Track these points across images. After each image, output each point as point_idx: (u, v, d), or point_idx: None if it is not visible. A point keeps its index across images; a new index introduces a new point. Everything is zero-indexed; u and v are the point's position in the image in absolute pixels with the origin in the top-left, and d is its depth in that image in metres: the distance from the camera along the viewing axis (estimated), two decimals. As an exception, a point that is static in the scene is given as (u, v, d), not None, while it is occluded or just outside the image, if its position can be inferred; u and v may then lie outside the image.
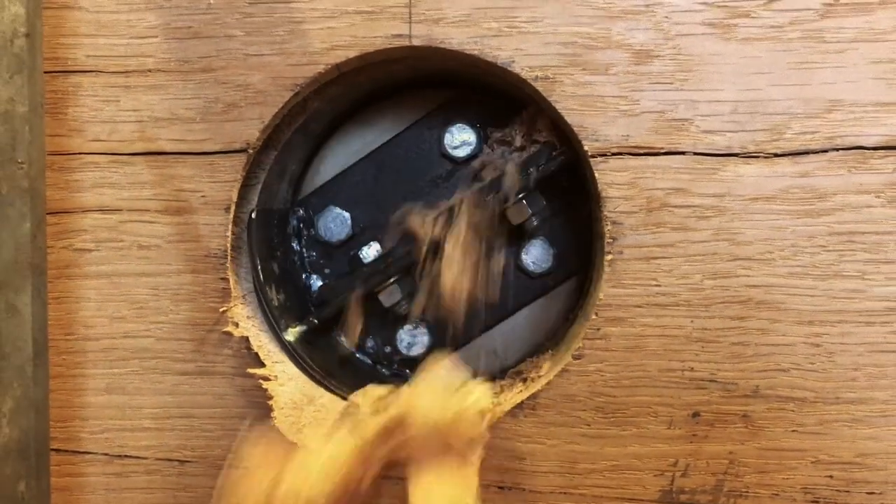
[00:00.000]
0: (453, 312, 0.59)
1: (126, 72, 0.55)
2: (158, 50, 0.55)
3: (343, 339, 0.61)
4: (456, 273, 0.57)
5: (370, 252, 0.59)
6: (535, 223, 0.59)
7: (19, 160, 0.47)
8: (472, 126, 0.61)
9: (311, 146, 0.62)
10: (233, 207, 0.55)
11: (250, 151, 0.55)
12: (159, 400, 0.56)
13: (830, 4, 0.51)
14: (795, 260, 0.52)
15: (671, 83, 0.52)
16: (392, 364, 0.61)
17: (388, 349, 0.61)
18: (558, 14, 0.53)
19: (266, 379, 0.55)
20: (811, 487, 0.53)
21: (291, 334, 0.57)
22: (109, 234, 0.56)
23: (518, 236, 0.61)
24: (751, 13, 0.52)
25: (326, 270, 0.62)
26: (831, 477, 0.53)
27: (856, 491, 0.52)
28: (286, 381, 0.56)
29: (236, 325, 0.55)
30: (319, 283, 0.61)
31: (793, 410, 0.53)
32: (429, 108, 0.61)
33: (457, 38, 0.53)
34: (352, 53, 0.54)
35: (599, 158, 0.53)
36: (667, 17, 0.52)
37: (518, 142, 0.59)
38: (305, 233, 0.62)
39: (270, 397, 0.55)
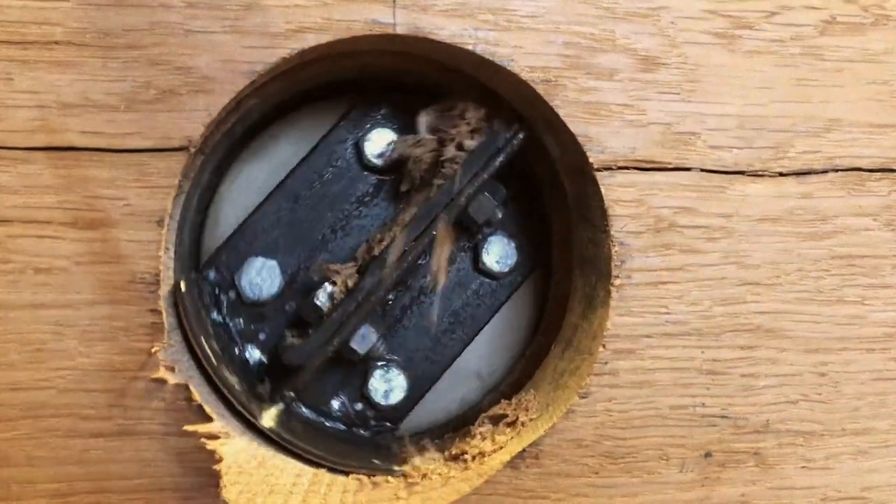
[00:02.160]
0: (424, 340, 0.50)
1: (23, 42, 0.42)
2: (69, 17, 0.43)
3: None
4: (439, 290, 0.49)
5: (324, 297, 0.48)
6: (498, 216, 0.51)
7: None
8: (390, 127, 0.52)
9: (214, 173, 0.51)
10: (167, 220, 0.43)
11: (192, 150, 0.43)
12: (60, 471, 0.43)
13: (828, 22, 0.50)
14: (801, 284, 0.49)
15: (678, 94, 0.48)
16: (369, 422, 0.51)
17: (359, 406, 0.51)
18: (559, 10, 0.47)
19: (213, 437, 0.43)
20: (821, 528, 0.49)
21: (269, 419, 0.46)
22: (-8, 254, 0.42)
23: (469, 235, 0.53)
24: (754, 25, 0.49)
25: (261, 336, 0.51)
26: (839, 514, 0.49)
27: (863, 529, 0.50)
28: (234, 438, 0.44)
29: (172, 369, 0.43)
30: (257, 352, 0.50)
31: (802, 445, 0.49)
32: (328, 121, 0.52)
33: (448, 30, 0.46)
34: (323, 38, 0.45)
35: (605, 172, 0.47)
36: (672, 22, 0.48)
37: (463, 128, 0.50)
38: (224, 298, 0.50)
39: (219, 460, 0.43)
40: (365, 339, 0.48)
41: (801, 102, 0.50)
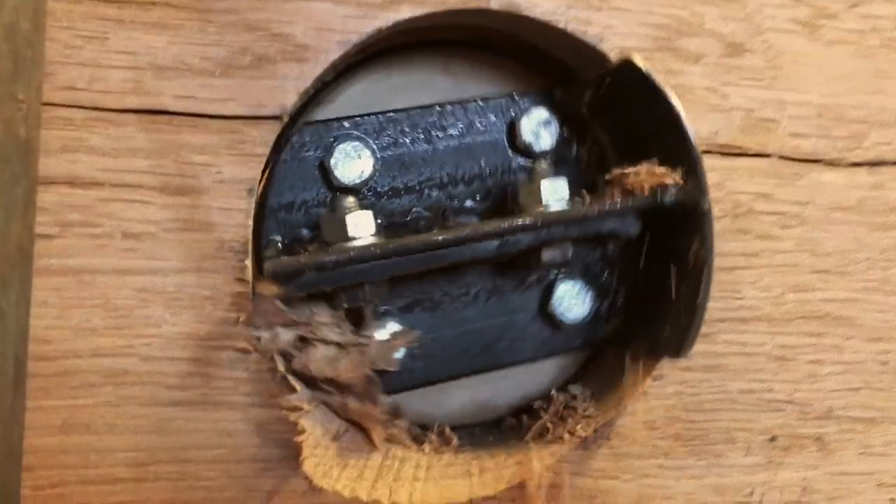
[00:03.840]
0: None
1: (119, 2, 0.41)
2: (167, -23, 0.42)
3: None
4: None
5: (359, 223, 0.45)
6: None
7: (19, 97, 0.32)
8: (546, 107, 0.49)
9: None
10: (258, 189, 0.43)
11: (285, 119, 0.43)
12: (140, 440, 0.43)
13: (907, 14, 0.50)
14: (869, 274, 0.50)
15: (761, 80, 0.49)
16: None
17: None
18: (650, -9, 0.47)
19: (295, 409, 0.43)
20: (875, 512, 0.51)
21: None
22: (81, 216, 0.42)
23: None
24: (836, 15, 0.50)
25: None
26: (892, 500, 0.51)
27: (916, 514, 0.51)
28: (314, 410, 0.44)
29: (258, 339, 0.43)
30: None
31: (862, 432, 0.51)
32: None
33: (541, 7, 0.46)
34: (419, 11, 0.45)
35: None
36: (759, 8, 0.48)
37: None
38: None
39: (301, 432, 0.43)
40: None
41: (878, 94, 0.50)
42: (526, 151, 0.49)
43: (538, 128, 0.49)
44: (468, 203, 0.49)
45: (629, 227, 0.46)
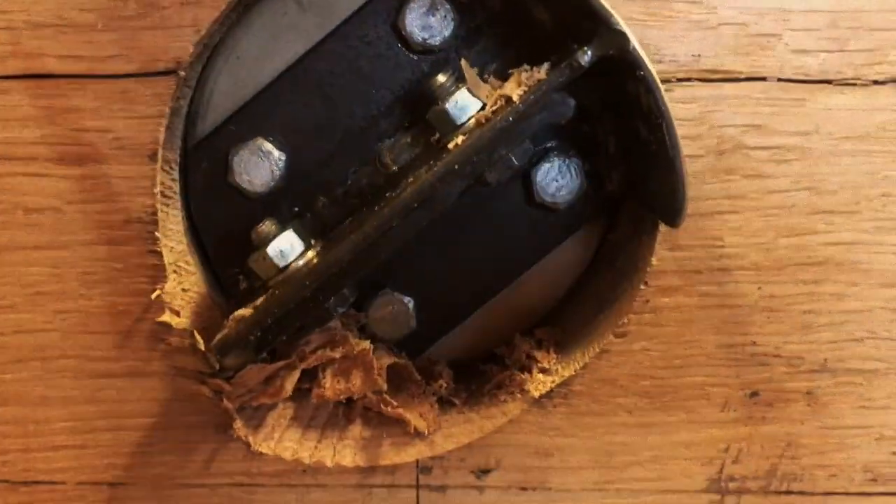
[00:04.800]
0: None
1: (-20, -49, 0.37)
2: (29, -83, 0.37)
3: None
4: None
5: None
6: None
7: None
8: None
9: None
10: (160, 152, 0.40)
11: (181, 74, 0.39)
12: (75, 410, 0.43)
13: None
14: (885, 211, 0.43)
15: (759, -15, 0.40)
16: None
17: None
18: None
19: (219, 390, 0.42)
20: (872, 465, 0.47)
21: None
22: (-21, 193, 0.39)
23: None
24: None
25: None
26: (895, 453, 0.47)
27: (919, 467, 0.47)
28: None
29: (177, 313, 0.41)
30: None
31: (861, 384, 0.46)
32: None
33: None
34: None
35: (662, 86, 0.40)
36: None
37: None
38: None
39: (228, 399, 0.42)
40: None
41: (914, -7, 0.41)
42: (426, 49, 0.43)
43: (425, 19, 0.42)
44: (399, 135, 0.44)
45: (561, 109, 0.40)
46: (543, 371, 0.45)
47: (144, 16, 0.38)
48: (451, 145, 0.39)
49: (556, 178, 0.45)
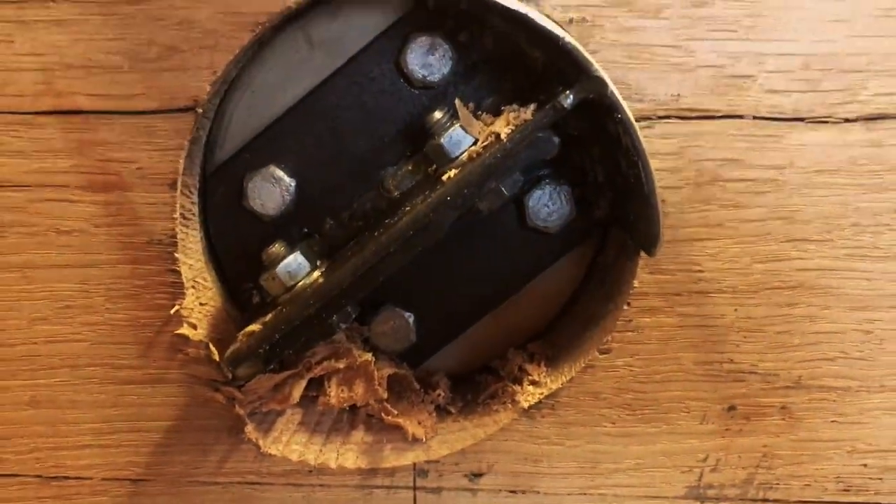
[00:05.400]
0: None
1: (18, 1, 0.41)
2: (62, -30, 0.41)
3: None
4: None
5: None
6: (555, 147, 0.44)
7: None
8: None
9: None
10: (179, 180, 0.44)
11: (199, 111, 0.43)
12: (100, 413, 0.47)
13: (930, -65, 0.42)
14: (855, 240, 0.46)
15: (735, 31, 0.44)
16: None
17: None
18: (600, -64, 0.42)
19: (232, 397, 0.46)
20: (844, 476, 0.50)
21: None
22: (15, 217, 0.44)
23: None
24: (835, -56, 0.42)
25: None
26: (865, 465, 0.50)
27: (889, 478, 0.51)
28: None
29: (193, 326, 0.45)
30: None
31: (834, 400, 0.49)
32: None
33: (471, -34, 0.42)
34: (332, -18, 0.42)
35: (643, 122, 0.44)
36: (736, -56, 0.42)
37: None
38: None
39: (240, 403, 0.46)
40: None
41: (883, 37, 0.44)
42: (426, 85, 0.46)
43: (425, 58, 0.46)
44: (401, 164, 0.47)
45: (545, 147, 0.43)
46: (533, 383, 0.49)
47: (165, 58, 0.42)
48: (445, 178, 0.43)
49: (548, 204, 0.49)
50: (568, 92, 0.41)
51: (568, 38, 0.41)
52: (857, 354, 0.48)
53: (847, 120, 0.45)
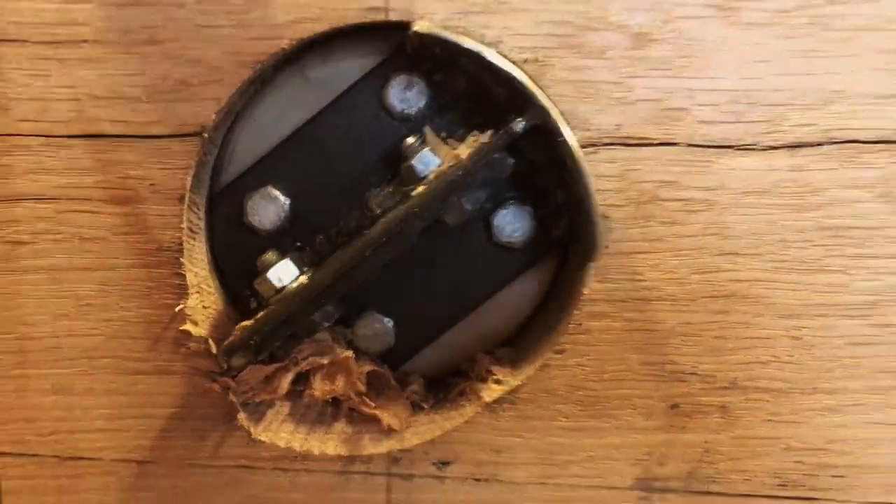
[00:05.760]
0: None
1: (56, 42, 0.49)
2: (94, 17, 0.49)
3: None
4: None
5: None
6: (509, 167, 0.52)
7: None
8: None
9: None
10: (187, 196, 0.51)
11: (205, 136, 0.50)
12: (112, 400, 0.54)
13: (838, -12, 0.49)
14: (782, 255, 0.52)
15: (669, 70, 0.50)
16: None
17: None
18: (551, -12, 0.49)
19: (227, 387, 0.52)
20: (781, 472, 0.55)
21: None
22: (47, 225, 0.51)
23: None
24: (756, -5, 0.49)
25: None
26: (801, 462, 0.55)
27: (823, 475, 0.55)
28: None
29: (195, 323, 0.52)
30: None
31: (769, 401, 0.54)
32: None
33: (439, 14, 0.49)
34: (320, 27, 0.49)
35: (589, 149, 0.50)
36: (668, -4, 0.49)
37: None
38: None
39: (234, 393, 0.53)
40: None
41: (803, 75, 0.50)
42: (404, 118, 0.53)
43: (403, 94, 0.53)
44: (383, 186, 0.54)
45: (501, 167, 0.50)
46: (497, 382, 0.55)
47: (178, 91, 0.50)
48: (413, 193, 0.50)
49: (511, 222, 0.55)
50: (519, 119, 0.48)
51: (519, 76, 0.49)
52: (787, 359, 0.54)
53: (772, 147, 0.51)
